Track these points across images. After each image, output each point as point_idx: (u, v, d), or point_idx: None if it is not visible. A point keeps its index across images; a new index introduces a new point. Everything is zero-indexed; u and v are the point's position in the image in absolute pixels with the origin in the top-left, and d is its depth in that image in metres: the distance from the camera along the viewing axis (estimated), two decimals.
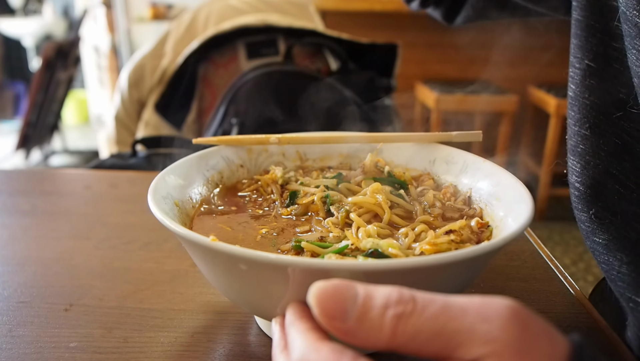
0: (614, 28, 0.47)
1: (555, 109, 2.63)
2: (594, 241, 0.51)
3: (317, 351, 0.27)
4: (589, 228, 0.51)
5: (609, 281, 0.52)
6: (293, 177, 0.57)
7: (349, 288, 0.27)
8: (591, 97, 0.50)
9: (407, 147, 0.60)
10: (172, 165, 0.51)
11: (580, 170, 0.51)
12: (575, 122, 0.51)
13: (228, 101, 1.36)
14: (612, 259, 0.50)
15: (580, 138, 0.51)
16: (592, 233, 0.51)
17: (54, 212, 0.75)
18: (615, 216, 0.49)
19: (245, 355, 0.45)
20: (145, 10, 3.40)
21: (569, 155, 0.53)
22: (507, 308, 0.25)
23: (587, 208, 0.51)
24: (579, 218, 0.53)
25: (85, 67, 3.83)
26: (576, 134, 0.51)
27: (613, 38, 0.48)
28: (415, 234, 0.45)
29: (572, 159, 0.52)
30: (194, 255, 0.41)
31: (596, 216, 0.50)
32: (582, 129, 0.51)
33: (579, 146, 0.51)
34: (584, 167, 0.51)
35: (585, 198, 0.51)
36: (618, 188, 0.49)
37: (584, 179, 0.51)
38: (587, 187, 0.51)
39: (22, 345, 0.46)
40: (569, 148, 0.53)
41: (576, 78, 0.51)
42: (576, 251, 2.50)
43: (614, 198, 0.49)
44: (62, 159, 3.76)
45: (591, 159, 0.50)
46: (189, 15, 1.60)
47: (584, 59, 0.50)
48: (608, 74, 0.49)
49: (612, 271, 0.50)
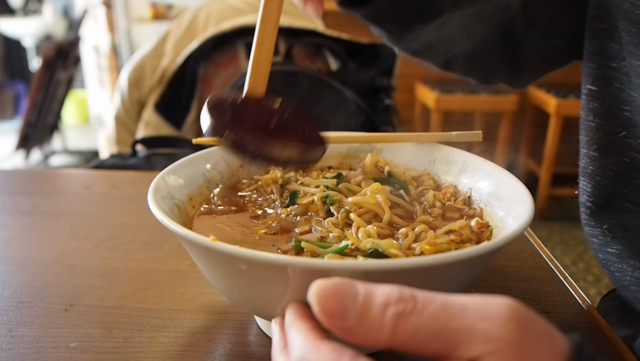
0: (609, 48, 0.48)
1: (555, 109, 2.63)
2: (607, 252, 0.52)
3: (317, 351, 0.27)
4: (602, 241, 0.52)
5: (622, 288, 0.52)
6: (293, 177, 0.57)
7: (349, 286, 0.27)
8: (595, 120, 0.50)
9: (407, 147, 0.60)
10: (172, 165, 0.51)
11: (591, 190, 0.52)
12: (584, 145, 0.53)
13: None
14: (625, 266, 0.51)
15: (589, 160, 0.52)
16: (605, 245, 0.52)
17: (54, 212, 0.75)
18: (627, 231, 0.50)
19: (245, 355, 0.45)
20: (145, 10, 3.40)
21: (580, 176, 0.54)
22: (507, 307, 0.25)
23: (600, 223, 0.52)
24: (590, 233, 0.53)
25: (85, 67, 3.83)
26: (585, 156, 0.53)
27: (608, 58, 0.48)
28: (415, 235, 0.45)
29: (583, 180, 0.53)
30: (194, 255, 0.41)
31: (609, 230, 0.51)
32: (590, 150, 0.52)
33: (589, 167, 0.52)
34: (594, 187, 0.52)
35: (597, 216, 0.52)
36: (629, 205, 0.50)
37: (595, 199, 0.52)
38: (598, 207, 0.52)
39: (22, 345, 0.46)
40: (580, 170, 0.54)
41: (583, 103, 0.52)
42: (576, 251, 2.50)
43: (625, 216, 0.50)
44: (62, 159, 3.76)
45: (601, 179, 0.51)
46: (189, 15, 1.60)
47: (587, 84, 0.51)
48: (609, 94, 0.49)
49: (625, 277, 0.51)
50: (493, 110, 2.90)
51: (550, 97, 2.70)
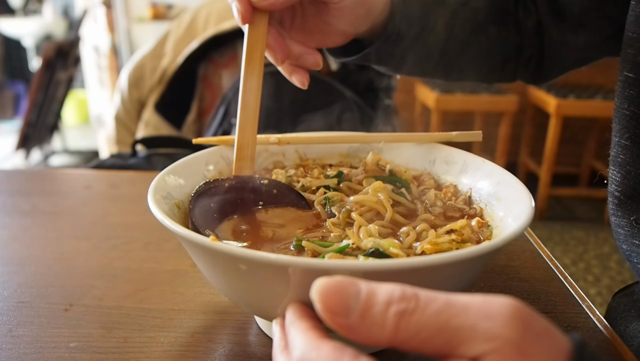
0: None
1: (555, 109, 2.63)
2: (633, 243, 0.52)
3: (317, 350, 0.27)
4: (628, 232, 0.52)
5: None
6: (294, 177, 0.57)
7: (352, 284, 0.27)
8: (630, 107, 0.50)
9: (407, 147, 0.60)
10: (172, 165, 0.51)
11: (620, 180, 0.52)
12: (616, 133, 0.52)
13: (228, 101, 1.36)
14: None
15: (621, 148, 0.52)
16: (631, 237, 0.52)
17: (54, 212, 0.75)
18: None
19: (245, 355, 0.45)
20: (145, 10, 3.40)
21: (610, 165, 0.54)
22: (509, 306, 0.25)
23: (628, 214, 0.52)
24: (617, 223, 0.53)
25: (85, 67, 3.83)
26: (617, 144, 0.52)
27: None
28: (417, 233, 0.45)
29: (613, 169, 0.53)
30: (194, 255, 0.41)
31: (637, 222, 0.51)
32: (622, 139, 0.51)
33: (619, 156, 0.52)
34: (624, 176, 0.52)
35: (625, 206, 0.52)
36: None
37: (624, 188, 0.52)
38: (627, 197, 0.52)
39: (22, 345, 0.46)
40: (610, 158, 0.54)
41: (618, 90, 0.52)
42: (576, 251, 2.50)
43: None
44: (62, 159, 3.77)
45: (632, 168, 0.51)
46: (189, 15, 1.60)
47: (624, 70, 0.50)
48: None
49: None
50: (493, 110, 2.90)
51: (550, 97, 2.70)
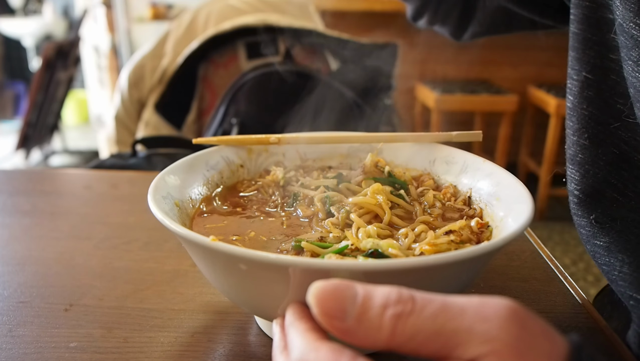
0: (611, 40, 0.48)
1: (555, 109, 2.63)
2: (595, 244, 0.51)
3: (316, 351, 0.27)
4: (590, 232, 0.52)
5: (610, 281, 0.52)
6: (294, 177, 0.57)
7: (348, 287, 0.27)
8: (589, 108, 0.50)
9: (407, 147, 0.60)
10: (172, 165, 0.51)
11: (579, 178, 0.52)
12: (574, 132, 0.52)
13: (228, 101, 1.36)
14: (613, 260, 0.50)
15: (580, 148, 0.52)
16: (592, 237, 0.52)
17: (54, 212, 0.75)
18: (615, 222, 0.50)
19: (245, 355, 0.45)
20: (145, 10, 3.40)
21: (568, 164, 0.54)
22: (505, 308, 0.25)
23: (587, 213, 0.51)
24: (578, 223, 0.53)
25: (85, 67, 3.83)
26: (575, 143, 0.52)
27: (610, 50, 0.48)
28: (415, 235, 0.45)
29: (571, 167, 0.53)
30: (194, 255, 0.41)
31: (596, 221, 0.51)
32: (580, 139, 0.51)
33: (578, 155, 0.52)
34: (583, 175, 0.51)
35: (584, 205, 0.52)
36: (617, 196, 0.49)
37: (583, 187, 0.52)
38: (586, 195, 0.51)
39: (22, 345, 0.46)
40: (568, 157, 0.53)
41: (574, 90, 0.51)
42: (576, 251, 2.50)
43: (612, 206, 0.50)
44: (62, 159, 3.77)
45: (590, 168, 0.51)
46: (189, 15, 1.60)
47: (582, 71, 0.51)
48: (606, 85, 0.49)
49: (613, 272, 0.50)
50: (493, 110, 2.90)
51: (550, 97, 2.70)
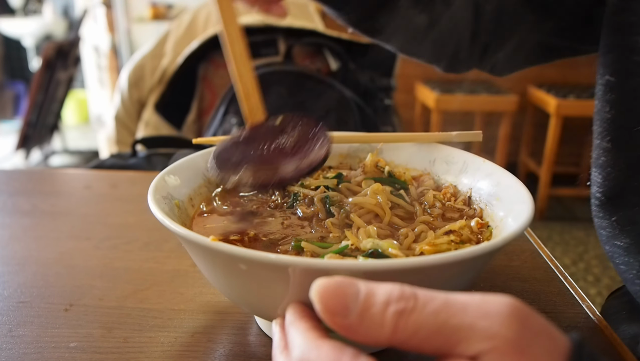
0: (634, 42, 0.48)
1: (555, 109, 2.63)
2: (615, 245, 0.52)
3: (317, 350, 0.27)
4: (610, 234, 0.52)
5: (625, 281, 0.52)
6: None
7: (351, 284, 0.27)
8: (612, 111, 0.51)
9: (407, 147, 0.60)
10: (172, 165, 0.51)
11: (601, 181, 0.52)
12: (597, 136, 0.53)
13: (228, 100, 1.36)
14: (632, 260, 0.51)
15: (602, 150, 0.52)
16: (613, 238, 0.52)
17: (54, 212, 0.75)
18: (635, 225, 0.50)
19: (245, 355, 0.45)
20: (145, 10, 3.40)
21: (592, 167, 0.54)
22: (507, 305, 0.25)
23: (609, 215, 0.52)
24: (599, 225, 0.54)
25: (85, 67, 3.83)
26: (598, 147, 0.53)
27: (633, 52, 0.48)
28: (415, 235, 0.45)
29: (595, 170, 0.53)
30: (194, 255, 0.41)
31: (617, 222, 0.51)
32: (603, 142, 0.52)
33: (601, 157, 0.52)
34: (605, 178, 0.52)
35: (606, 207, 0.52)
36: (638, 199, 0.49)
37: (605, 190, 0.52)
38: (608, 197, 0.52)
39: (22, 345, 0.46)
40: (592, 160, 0.54)
41: (599, 93, 0.52)
42: (576, 251, 2.50)
43: (634, 209, 0.50)
44: (62, 159, 3.76)
45: (612, 170, 0.51)
46: (189, 15, 1.60)
47: (605, 74, 0.51)
48: (629, 87, 0.49)
49: (631, 271, 0.51)
50: (493, 110, 2.90)
51: (550, 97, 2.70)
